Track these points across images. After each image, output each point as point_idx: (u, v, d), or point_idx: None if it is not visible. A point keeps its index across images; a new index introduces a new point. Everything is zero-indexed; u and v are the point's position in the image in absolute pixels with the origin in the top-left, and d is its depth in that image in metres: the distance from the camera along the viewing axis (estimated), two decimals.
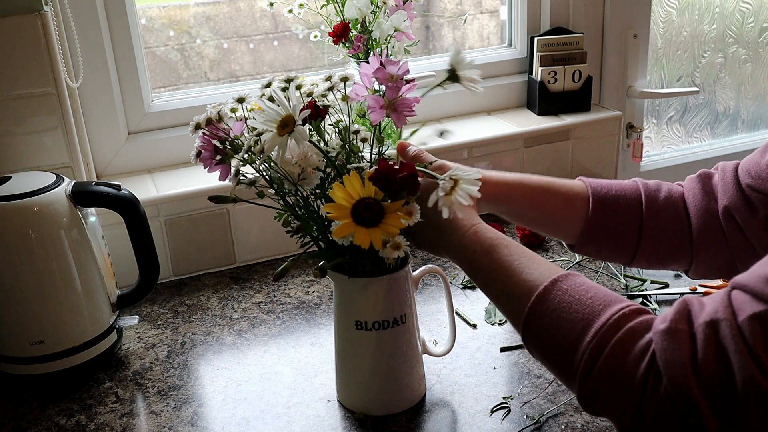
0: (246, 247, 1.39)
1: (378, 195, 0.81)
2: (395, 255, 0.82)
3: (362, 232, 0.80)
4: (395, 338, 0.96)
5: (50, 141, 1.19)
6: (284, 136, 0.82)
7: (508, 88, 1.64)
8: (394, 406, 0.99)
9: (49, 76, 1.16)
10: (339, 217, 0.81)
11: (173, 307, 1.27)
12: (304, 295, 1.29)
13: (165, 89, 1.51)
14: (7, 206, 1.01)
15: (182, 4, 1.53)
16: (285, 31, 1.61)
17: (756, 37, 1.87)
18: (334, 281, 0.96)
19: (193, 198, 1.32)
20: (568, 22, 1.62)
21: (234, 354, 1.14)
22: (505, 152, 1.52)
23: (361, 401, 1.00)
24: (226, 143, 0.91)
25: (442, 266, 1.29)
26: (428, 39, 1.76)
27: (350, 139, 0.89)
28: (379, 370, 0.97)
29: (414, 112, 0.85)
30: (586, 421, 0.95)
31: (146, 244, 1.11)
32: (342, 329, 0.97)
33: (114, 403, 1.04)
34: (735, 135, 1.96)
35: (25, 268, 1.02)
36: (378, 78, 0.85)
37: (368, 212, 0.81)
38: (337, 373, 1.02)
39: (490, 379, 1.05)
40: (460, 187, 0.79)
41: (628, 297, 1.22)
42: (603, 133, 1.61)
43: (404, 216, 0.82)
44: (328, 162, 0.87)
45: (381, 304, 0.94)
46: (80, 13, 1.26)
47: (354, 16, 1.35)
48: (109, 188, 1.08)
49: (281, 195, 0.90)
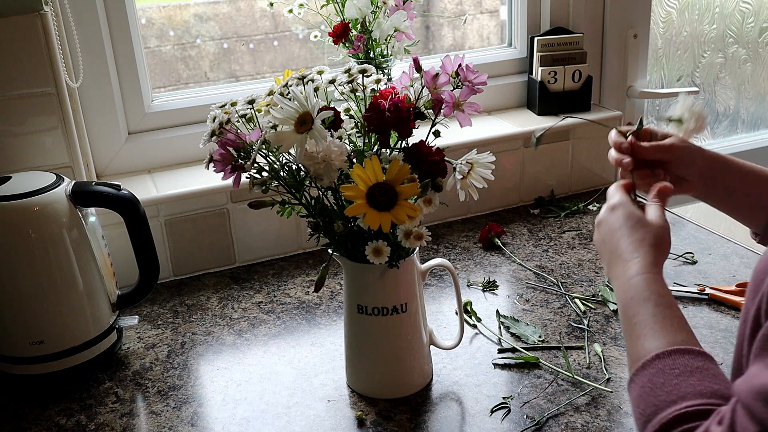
0: (246, 247, 1.39)
1: (405, 173, 0.84)
2: (417, 245, 0.87)
3: (373, 214, 0.83)
4: (396, 326, 0.98)
5: (50, 141, 1.19)
6: (303, 133, 0.84)
7: (508, 88, 1.64)
8: (394, 392, 1.02)
9: (49, 76, 1.16)
10: (354, 197, 0.84)
11: (173, 307, 1.27)
12: (304, 295, 1.29)
13: (165, 89, 1.50)
14: (7, 206, 1.01)
15: (182, 4, 1.53)
16: (285, 31, 1.61)
17: (756, 37, 1.87)
18: (341, 264, 0.98)
19: (193, 198, 1.32)
20: (568, 22, 1.62)
21: (234, 354, 1.14)
22: (505, 152, 1.52)
23: (363, 384, 1.03)
24: (241, 151, 0.91)
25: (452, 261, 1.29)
26: (428, 39, 1.76)
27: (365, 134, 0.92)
28: (378, 355, 1.00)
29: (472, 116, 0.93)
30: (586, 421, 0.96)
31: (146, 244, 1.11)
32: (347, 312, 1.00)
33: (114, 403, 1.04)
34: (735, 135, 1.96)
35: (25, 268, 1.02)
36: (457, 75, 0.90)
37: (383, 196, 0.84)
38: (345, 355, 1.04)
39: (490, 379, 1.05)
40: (475, 171, 0.89)
41: None
42: (603, 133, 1.60)
43: (415, 208, 0.85)
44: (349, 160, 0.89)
45: (380, 291, 0.96)
46: (80, 13, 1.26)
47: (354, 16, 1.35)
48: (109, 188, 1.08)
49: (298, 190, 0.91)
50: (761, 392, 0.59)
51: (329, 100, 0.94)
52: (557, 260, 1.35)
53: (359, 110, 0.94)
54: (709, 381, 0.69)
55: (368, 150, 0.91)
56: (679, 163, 0.93)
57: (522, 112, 1.62)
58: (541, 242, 1.42)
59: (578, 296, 1.23)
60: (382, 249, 0.88)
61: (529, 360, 1.07)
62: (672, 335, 0.75)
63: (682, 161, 0.93)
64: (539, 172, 1.58)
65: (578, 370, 1.05)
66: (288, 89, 0.89)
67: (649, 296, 0.78)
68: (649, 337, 0.75)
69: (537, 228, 1.48)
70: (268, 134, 0.88)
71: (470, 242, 1.43)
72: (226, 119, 0.90)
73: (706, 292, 1.21)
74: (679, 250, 1.35)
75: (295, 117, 0.85)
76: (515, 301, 1.24)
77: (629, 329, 0.78)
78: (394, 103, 0.87)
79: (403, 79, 0.93)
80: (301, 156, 0.85)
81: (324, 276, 0.93)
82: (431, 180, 0.89)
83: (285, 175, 0.91)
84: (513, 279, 1.30)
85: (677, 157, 0.93)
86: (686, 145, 0.93)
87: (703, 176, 0.94)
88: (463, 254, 1.39)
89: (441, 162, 0.89)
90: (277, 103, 0.86)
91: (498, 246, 1.40)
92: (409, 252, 0.96)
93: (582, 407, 0.98)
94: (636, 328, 0.77)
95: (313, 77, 0.91)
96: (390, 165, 0.84)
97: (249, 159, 0.89)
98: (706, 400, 0.67)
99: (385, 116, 0.86)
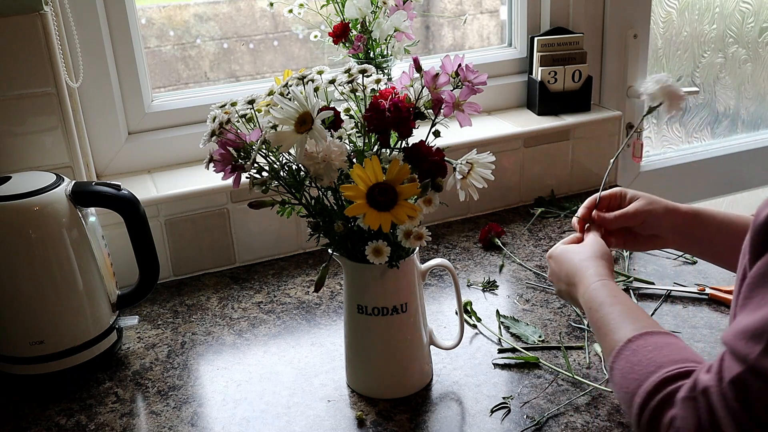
0: (246, 247, 1.39)
1: (405, 173, 0.84)
2: (417, 245, 0.87)
3: (373, 214, 0.84)
4: (396, 326, 0.98)
5: (50, 141, 1.19)
6: (303, 133, 0.84)
7: (508, 88, 1.64)
8: (394, 392, 1.02)
9: (49, 76, 1.16)
10: (354, 197, 0.84)
11: (173, 307, 1.27)
12: (304, 295, 1.29)
13: (165, 89, 1.51)
14: (7, 206, 1.01)
15: (182, 4, 1.53)
16: (285, 31, 1.61)
17: (756, 37, 1.87)
18: (341, 264, 0.98)
19: (193, 198, 1.32)
20: (568, 22, 1.62)
21: (234, 354, 1.14)
22: (505, 152, 1.52)
23: (363, 384, 1.03)
24: (241, 151, 0.91)
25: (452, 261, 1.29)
26: (428, 39, 1.76)
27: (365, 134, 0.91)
28: (378, 355, 1.00)
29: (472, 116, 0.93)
30: (586, 421, 0.96)
31: (146, 244, 1.11)
32: (347, 312, 1.00)
33: (114, 403, 1.04)
34: (735, 135, 1.96)
35: (25, 268, 1.02)
36: (457, 75, 0.90)
37: (383, 196, 0.84)
38: (345, 355, 1.04)
39: (490, 379, 1.05)
40: (475, 171, 0.90)
41: None
42: (603, 133, 1.61)
43: (415, 208, 0.85)
44: (349, 160, 0.89)
45: (380, 291, 0.96)
46: (80, 13, 1.26)
47: (354, 16, 1.35)
48: (109, 188, 1.08)
49: (298, 190, 0.91)
50: (743, 332, 0.63)
51: (329, 100, 0.94)
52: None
53: (359, 110, 0.94)
54: (681, 351, 0.75)
55: (368, 150, 0.91)
56: (646, 225, 1.01)
57: (522, 112, 1.62)
58: (541, 242, 1.42)
59: None
60: (382, 249, 0.88)
61: (529, 360, 1.07)
62: (637, 323, 0.82)
63: (648, 224, 1.01)
64: (539, 172, 1.58)
65: (578, 370, 1.05)
66: (288, 89, 0.89)
67: (606, 298, 0.87)
68: (617, 330, 0.82)
69: (537, 228, 1.48)
70: (268, 134, 0.88)
71: (470, 242, 1.43)
72: (226, 119, 0.90)
73: (706, 292, 1.21)
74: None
75: (295, 117, 0.85)
76: (515, 301, 1.24)
77: (599, 330, 0.86)
78: (394, 103, 0.87)
79: (403, 79, 0.93)
80: (301, 156, 0.85)
81: (324, 276, 0.93)
82: (431, 180, 0.89)
83: (285, 175, 0.91)
84: (513, 279, 1.30)
85: (642, 221, 1.00)
86: (651, 208, 1.00)
87: (679, 232, 1.01)
88: (463, 254, 1.39)
89: (441, 162, 0.89)
90: (277, 103, 0.86)
91: (498, 246, 1.40)
92: (409, 252, 0.96)
93: (582, 407, 0.98)
94: (604, 327, 0.84)
95: (313, 77, 0.91)
96: (390, 165, 0.84)
97: (249, 159, 0.89)
98: (682, 364, 0.73)
99: (385, 116, 0.86)
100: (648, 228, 1.01)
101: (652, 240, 1.02)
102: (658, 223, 1.00)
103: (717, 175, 1.89)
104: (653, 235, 1.02)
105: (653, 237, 1.02)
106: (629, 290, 1.23)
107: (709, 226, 0.99)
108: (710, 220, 0.99)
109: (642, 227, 1.01)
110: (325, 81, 0.93)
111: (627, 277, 1.27)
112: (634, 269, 1.30)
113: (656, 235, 1.01)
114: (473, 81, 0.90)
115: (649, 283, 1.25)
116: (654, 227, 1.00)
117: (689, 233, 1.00)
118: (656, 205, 1.00)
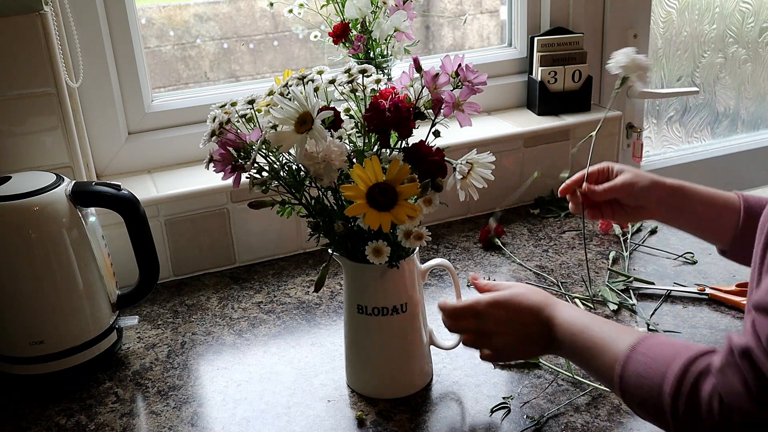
0: (246, 247, 1.39)
1: (405, 173, 0.84)
2: (417, 245, 0.87)
3: (373, 214, 0.84)
4: (396, 326, 0.98)
5: (50, 141, 1.19)
6: (303, 133, 0.84)
7: (508, 88, 1.64)
8: (394, 392, 1.02)
9: (49, 76, 1.16)
10: (354, 197, 0.84)
11: (173, 307, 1.27)
12: (304, 295, 1.29)
13: (165, 89, 1.51)
14: (7, 206, 1.01)
15: (182, 4, 1.53)
16: (285, 31, 1.61)
17: (756, 37, 1.87)
18: (341, 264, 0.98)
19: (193, 198, 1.32)
20: (568, 22, 1.62)
21: (234, 354, 1.14)
22: (505, 152, 1.52)
23: (363, 384, 1.03)
24: (241, 151, 0.91)
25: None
26: (428, 39, 1.76)
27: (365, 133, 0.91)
28: (378, 355, 1.00)
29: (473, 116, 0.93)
30: (586, 421, 0.96)
31: (146, 244, 1.11)
32: (347, 312, 1.00)
33: (114, 403, 1.04)
34: (735, 135, 1.96)
35: (25, 268, 1.02)
36: (457, 75, 0.90)
37: (383, 196, 0.84)
38: (345, 355, 1.04)
39: (490, 379, 1.05)
40: (475, 171, 0.91)
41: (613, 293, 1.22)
42: (603, 133, 1.61)
43: (415, 208, 0.85)
44: (349, 160, 0.89)
45: (380, 291, 0.96)
46: (80, 13, 1.26)
47: (354, 16, 1.35)
48: (109, 188, 1.08)
49: (298, 190, 0.91)
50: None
51: (329, 100, 0.94)
52: (557, 260, 1.35)
53: (359, 110, 0.94)
54: (689, 344, 0.76)
55: (368, 150, 0.91)
56: (633, 197, 1.05)
57: (522, 112, 1.62)
58: (541, 242, 1.42)
59: (578, 296, 1.23)
60: (382, 249, 0.88)
61: (528, 360, 1.07)
62: (628, 333, 0.81)
63: (634, 195, 1.05)
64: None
65: (578, 370, 1.05)
66: (288, 89, 0.89)
67: (585, 325, 0.85)
68: (612, 345, 0.81)
69: (537, 228, 1.48)
70: (268, 134, 0.88)
71: (470, 242, 1.43)
72: (226, 119, 0.90)
73: (706, 292, 1.21)
74: (679, 250, 1.35)
75: (295, 117, 0.85)
76: None
77: (587, 356, 0.84)
78: (394, 103, 0.87)
79: (403, 79, 0.93)
80: (301, 156, 0.85)
81: (324, 276, 0.93)
82: (431, 180, 0.89)
83: (285, 175, 0.91)
84: (513, 279, 1.30)
85: (630, 193, 1.05)
86: (637, 180, 1.04)
87: (664, 203, 1.05)
88: (463, 254, 1.39)
89: (441, 162, 0.89)
90: (277, 103, 0.87)
91: (498, 246, 1.40)
92: (409, 252, 0.96)
93: (582, 407, 0.98)
94: (593, 349, 0.83)
95: (313, 77, 0.91)
96: (390, 165, 0.84)
97: (249, 159, 0.89)
98: (697, 349, 0.73)
99: (385, 116, 0.86)
100: (634, 199, 1.05)
101: (639, 211, 1.07)
102: (644, 195, 1.04)
103: (717, 175, 1.89)
104: (639, 206, 1.06)
105: (639, 208, 1.06)
106: (629, 290, 1.24)
107: (692, 199, 1.03)
108: (693, 194, 1.04)
109: (629, 199, 1.05)
110: (325, 81, 0.93)
111: (627, 277, 1.27)
112: (634, 269, 1.30)
113: (642, 206, 1.06)
114: (473, 81, 0.90)
115: (649, 283, 1.25)
116: (640, 199, 1.05)
117: (674, 205, 1.04)
118: (642, 177, 1.05)
